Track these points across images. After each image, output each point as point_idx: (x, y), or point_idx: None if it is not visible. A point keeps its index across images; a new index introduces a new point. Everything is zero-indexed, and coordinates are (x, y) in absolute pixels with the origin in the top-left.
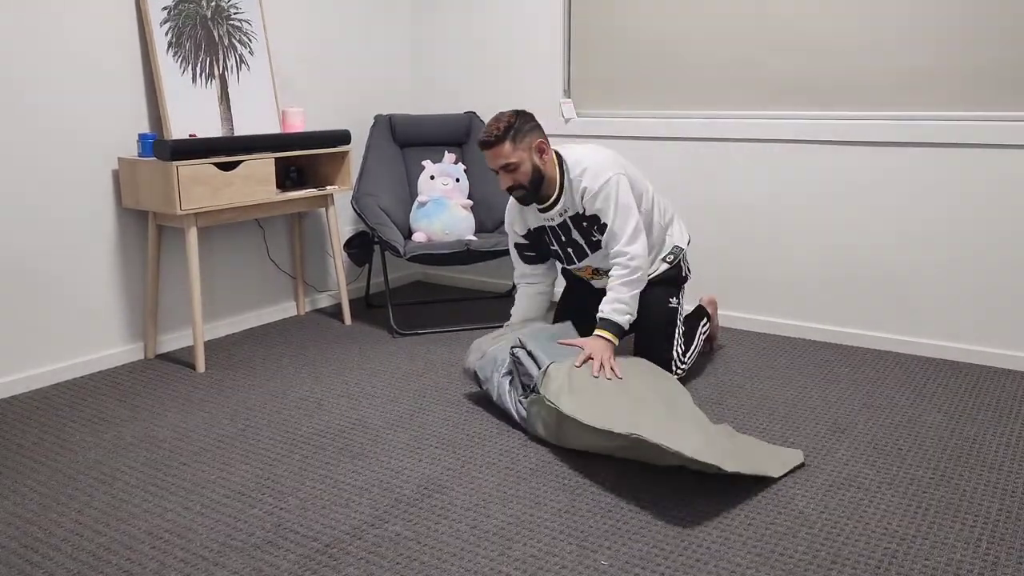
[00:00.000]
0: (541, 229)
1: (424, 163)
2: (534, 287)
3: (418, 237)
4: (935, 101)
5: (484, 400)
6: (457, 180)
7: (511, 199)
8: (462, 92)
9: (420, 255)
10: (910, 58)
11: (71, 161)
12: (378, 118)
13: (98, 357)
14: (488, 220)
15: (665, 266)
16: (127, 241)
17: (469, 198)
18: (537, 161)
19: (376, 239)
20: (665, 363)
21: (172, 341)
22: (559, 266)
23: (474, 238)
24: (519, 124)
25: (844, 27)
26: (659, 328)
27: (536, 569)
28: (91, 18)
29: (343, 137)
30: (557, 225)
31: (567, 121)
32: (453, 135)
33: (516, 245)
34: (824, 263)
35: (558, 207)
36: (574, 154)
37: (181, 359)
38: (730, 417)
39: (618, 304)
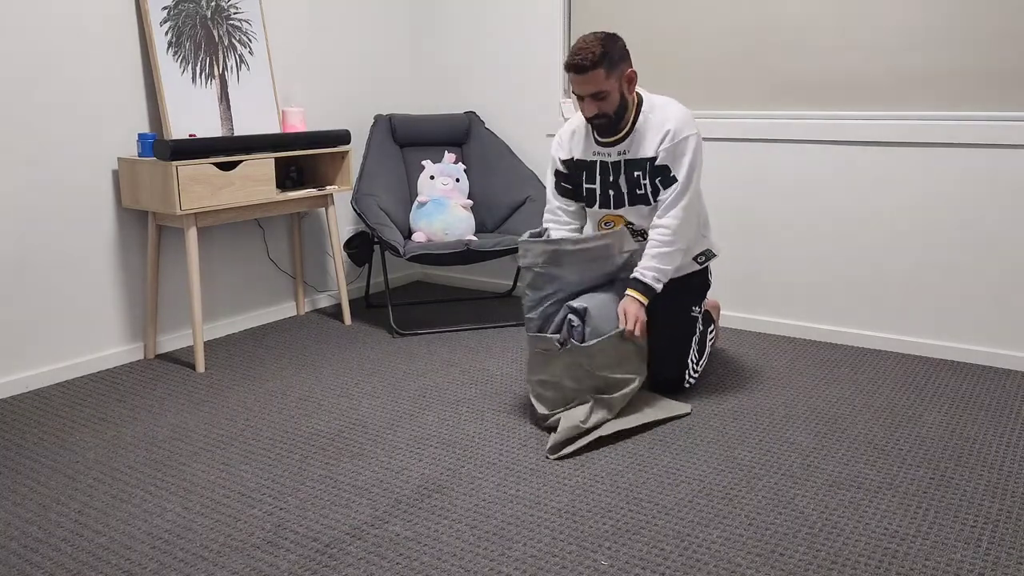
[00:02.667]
0: (583, 164)
1: (424, 163)
2: (561, 231)
3: (418, 237)
4: (935, 101)
5: (484, 400)
6: (457, 180)
7: (568, 125)
8: (462, 92)
9: (420, 255)
10: (910, 58)
11: (71, 161)
12: (378, 118)
13: (98, 357)
14: (488, 220)
15: (695, 267)
16: (127, 241)
17: (469, 198)
18: (625, 92)
19: (376, 239)
20: (680, 372)
21: (172, 341)
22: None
23: (474, 238)
24: (614, 49)
25: (844, 27)
26: (678, 338)
27: (536, 569)
28: (91, 18)
29: (343, 137)
30: (610, 163)
31: (567, 121)
32: (453, 135)
33: (556, 172)
34: (824, 263)
35: (623, 144)
36: (654, 97)
37: (181, 359)
38: (730, 417)
39: (658, 273)
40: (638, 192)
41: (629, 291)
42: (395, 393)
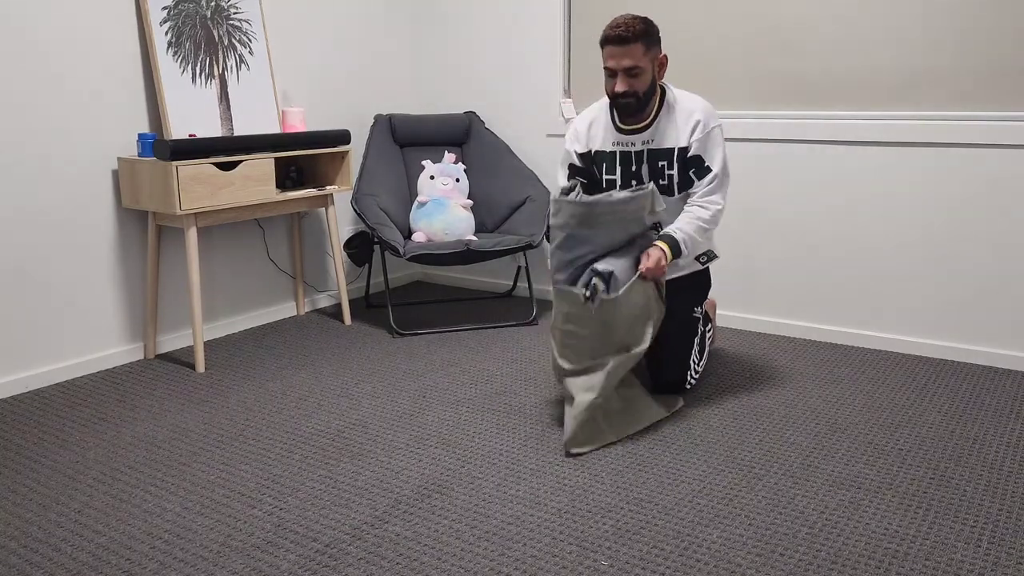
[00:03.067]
0: (603, 155)
1: (424, 163)
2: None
3: (418, 237)
4: (935, 101)
5: (484, 400)
6: (457, 180)
7: (583, 117)
8: (462, 92)
9: (420, 255)
10: (911, 58)
11: (71, 161)
12: (378, 118)
13: (98, 357)
14: (488, 220)
15: (697, 266)
16: (127, 241)
17: (469, 198)
18: (656, 75)
19: (376, 239)
20: (683, 374)
21: (172, 341)
22: None
23: (474, 238)
24: (653, 28)
25: (844, 27)
26: (680, 338)
27: (536, 569)
28: (91, 18)
29: (343, 137)
30: (633, 153)
31: (567, 121)
32: (453, 135)
33: (571, 167)
34: (824, 263)
35: (647, 133)
36: (678, 90)
37: (181, 359)
38: (729, 417)
39: (688, 239)
40: (661, 182)
41: (657, 242)
42: (395, 393)
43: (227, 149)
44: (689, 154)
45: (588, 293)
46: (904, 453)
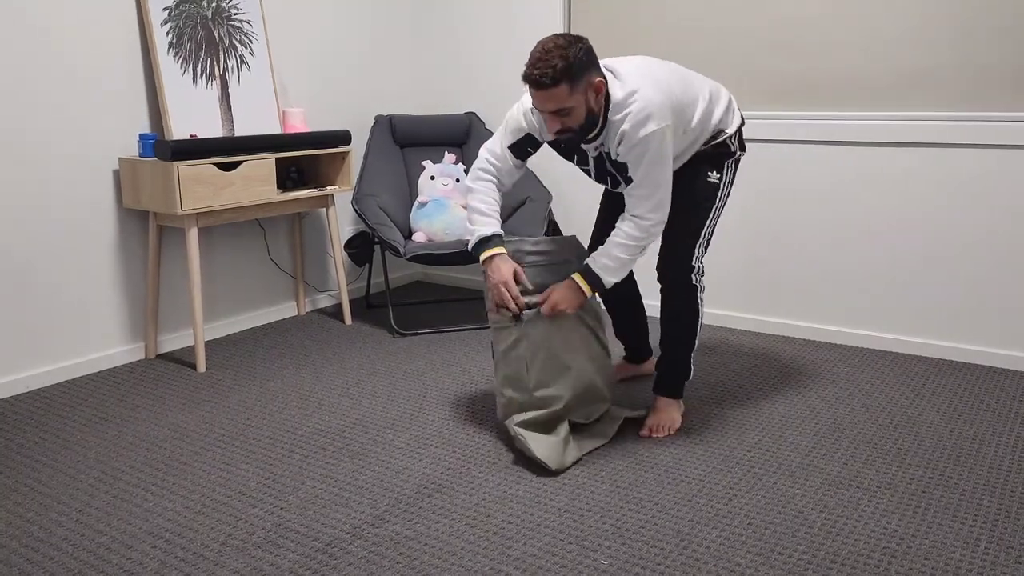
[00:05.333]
0: (573, 148)
1: (424, 163)
2: (494, 187)
3: (418, 237)
4: (935, 101)
5: (484, 400)
6: (457, 180)
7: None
8: (462, 92)
9: (420, 255)
10: (910, 58)
11: (72, 161)
12: (378, 118)
13: (98, 357)
14: None
15: (700, 146)
16: (128, 241)
17: None
18: (592, 103)
19: (376, 239)
20: (687, 253)
21: (172, 341)
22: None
23: None
24: (577, 60)
25: (844, 27)
26: (692, 206)
27: (536, 569)
28: (92, 19)
29: (343, 137)
30: (591, 156)
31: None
32: (453, 135)
33: (524, 137)
34: (823, 262)
35: (595, 143)
36: (623, 86)
37: (181, 359)
38: (729, 417)
39: (609, 261)
40: (628, 175)
41: (574, 276)
42: (395, 393)
43: (228, 149)
44: (619, 160)
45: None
46: (903, 453)
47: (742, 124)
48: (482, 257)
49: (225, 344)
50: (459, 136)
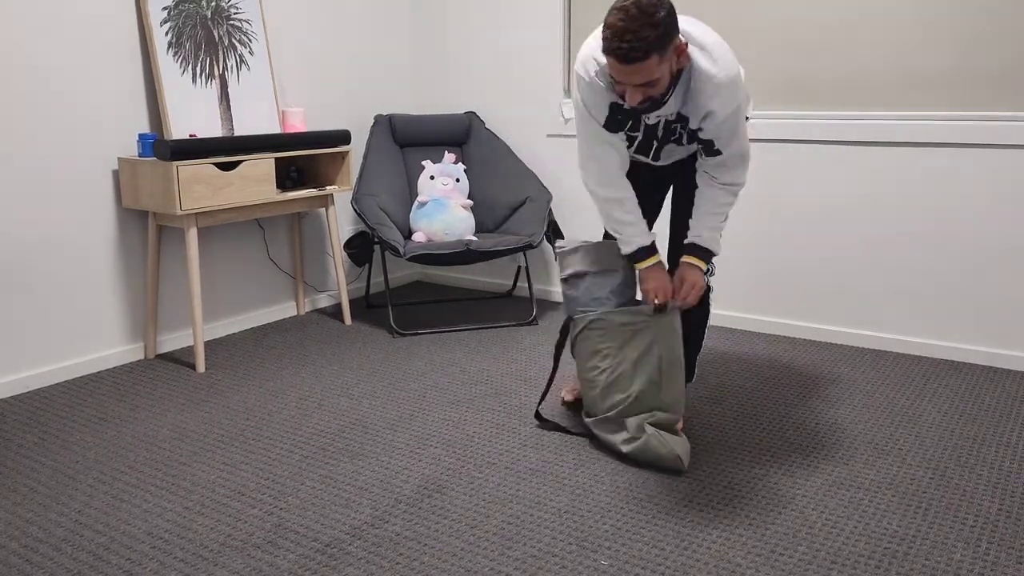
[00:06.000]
0: (623, 113)
1: (424, 163)
2: (626, 187)
3: (418, 237)
4: (935, 101)
5: (484, 400)
6: (457, 180)
7: (582, 93)
8: (462, 92)
9: (420, 255)
10: (911, 58)
11: (71, 161)
12: (378, 118)
13: (98, 357)
14: (488, 220)
15: None
16: (127, 241)
17: (469, 198)
18: (674, 67)
19: (376, 239)
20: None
21: (172, 341)
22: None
23: (474, 238)
24: (665, 25)
25: (844, 27)
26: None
27: (536, 569)
28: (91, 18)
29: (343, 137)
30: (647, 123)
31: (567, 121)
32: (453, 135)
33: (607, 120)
34: (823, 262)
35: (662, 110)
36: (703, 56)
37: (181, 359)
38: (729, 417)
39: (713, 234)
40: (672, 138)
41: (691, 259)
42: (395, 393)
43: (227, 149)
44: (701, 136)
45: (658, 302)
46: (904, 453)
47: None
48: (643, 265)
49: (225, 344)
50: (459, 136)
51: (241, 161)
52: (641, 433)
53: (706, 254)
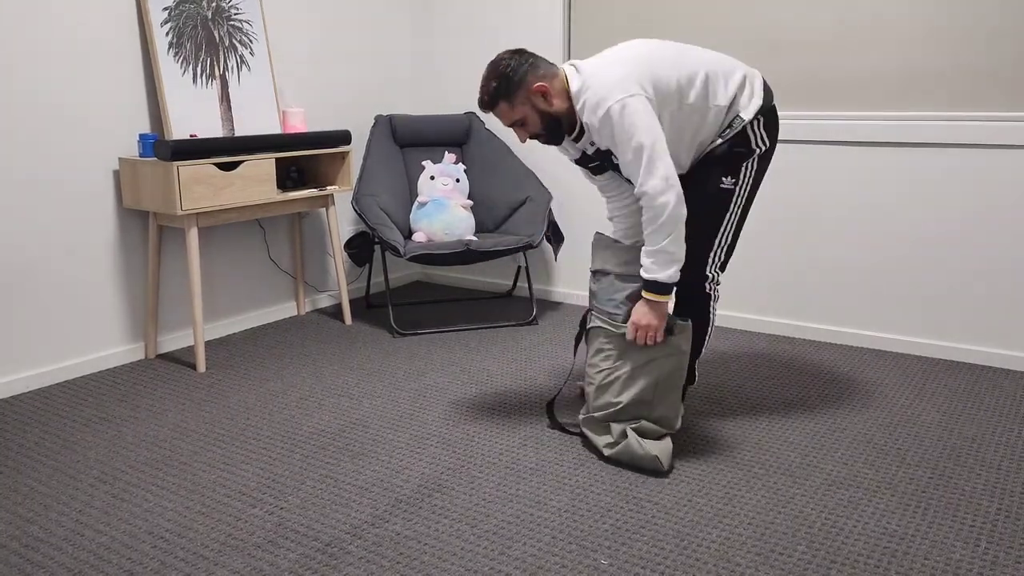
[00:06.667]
0: (588, 156)
1: (424, 163)
2: (622, 200)
3: (418, 237)
4: (935, 101)
5: (484, 400)
6: (457, 180)
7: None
8: (462, 92)
9: (420, 255)
10: (910, 58)
11: (72, 161)
12: (378, 118)
13: (98, 357)
14: (488, 220)
15: (719, 141)
16: (127, 241)
17: (469, 198)
18: (543, 106)
19: (376, 239)
20: (700, 260)
21: (172, 341)
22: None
23: (474, 238)
24: (507, 76)
25: (844, 26)
26: (703, 213)
27: (536, 569)
28: (91, 18)
29: (343, 137)
30: (590, 153)
31: None
32: (453, 135)
33: (577, 162)
34: (823, 262)
35: (585, 138)
36: (582, 79)
37: (181, 359)
38: (729, 417)
39: (647, 260)
40: (612, 168)
41: (643, 293)
42: (395, 393)
43: (228, 149)
44: (602, 150)
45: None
46: (903, 452)
47: (765, 111)
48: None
49: (225, 344)
50: (459, 136)
51: (242, 161)
52: (623, 438)
53: (651, 285)
